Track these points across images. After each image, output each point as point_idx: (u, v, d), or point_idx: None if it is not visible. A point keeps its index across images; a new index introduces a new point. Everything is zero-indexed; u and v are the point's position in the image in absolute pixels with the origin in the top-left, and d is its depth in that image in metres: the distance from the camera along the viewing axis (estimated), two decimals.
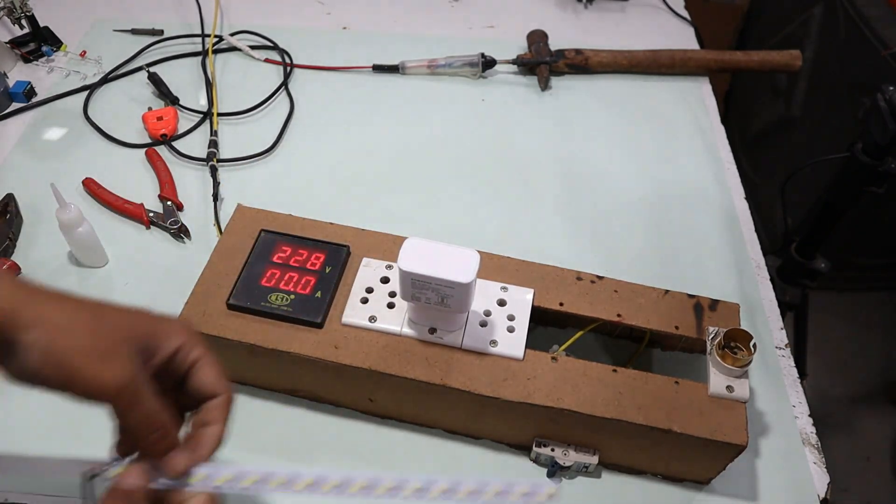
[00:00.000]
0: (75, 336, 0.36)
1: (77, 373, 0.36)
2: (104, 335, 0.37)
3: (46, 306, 0.36)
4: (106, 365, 0.36)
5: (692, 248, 0.82)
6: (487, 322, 0.60)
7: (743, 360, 0.57)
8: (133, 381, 0.37)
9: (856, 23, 1.48)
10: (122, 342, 0.37)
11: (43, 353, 0.35)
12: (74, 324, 0.36)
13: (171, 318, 0.42)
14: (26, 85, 0.92)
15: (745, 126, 1.93)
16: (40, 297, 0.36)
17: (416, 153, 0.90)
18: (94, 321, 0.37)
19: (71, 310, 0.37)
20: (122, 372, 0.36)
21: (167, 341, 0.40)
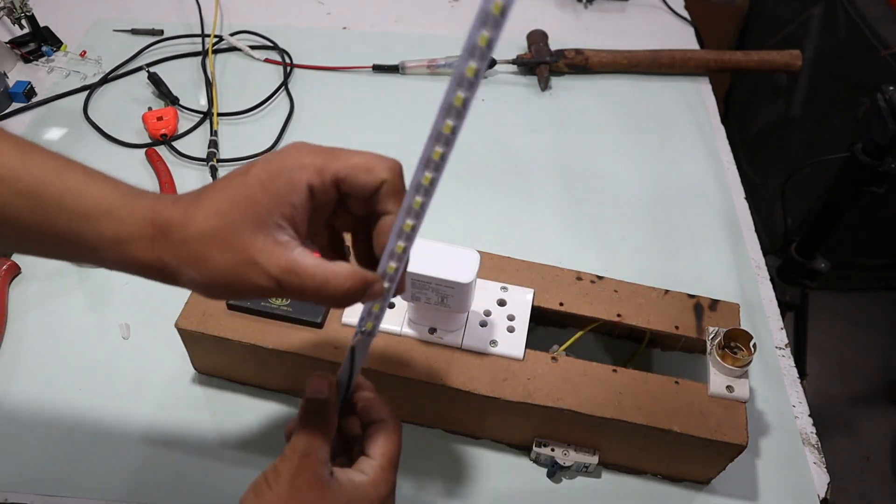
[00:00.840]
0: (214, 263, 0.36)
1: (235, 292, 0.37)
2: (237, 246, 0.36)
3: (180, 245, 0.36)
4: (251, 273, 0.36)
5: (692, 248, 0.82)
6: (487, 322, 0.60)
7: (743, 360, 0.57)
8: (282, 273, 0.36)
9: (856, 23, 1.48)
10: (255, 238, 0.36)
11: (200, 287, 0.37)
12: (207, 250, 0.36)
13: (283, 161, 0.37)
14: (26, 85, 0.92)
15: (745, 126, 1.93)
16: (173, 235, 0.36)
17: (415, 153, 0.90)
18: (221, 234, 0.36)
19: (198, 236, 0.36)
20: (267, 273, 0.36)
21: (295, 195, 0.37)
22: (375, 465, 0.42)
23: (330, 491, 0.39)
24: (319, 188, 0.37)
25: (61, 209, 0.36)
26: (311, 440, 0.40)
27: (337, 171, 0.37)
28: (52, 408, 0.64)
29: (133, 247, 0.37)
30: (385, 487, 0.42)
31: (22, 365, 0.67)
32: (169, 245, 0.36)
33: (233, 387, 0.66)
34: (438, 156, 0.35)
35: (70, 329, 0.70)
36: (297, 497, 0.38)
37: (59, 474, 0.60)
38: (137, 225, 0.37)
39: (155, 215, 0.37)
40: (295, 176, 0.36)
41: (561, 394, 0.56)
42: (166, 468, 0.61)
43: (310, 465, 0.39)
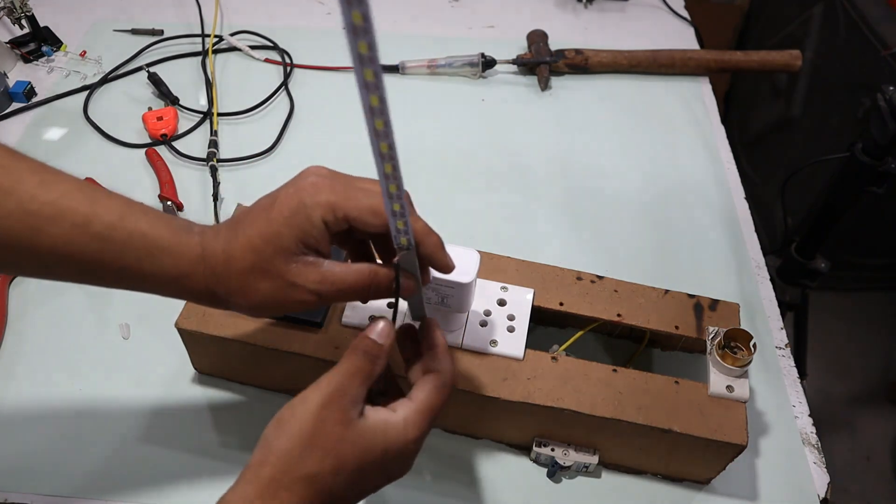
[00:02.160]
0: (259, 292, 0.42)
1: (281, 310, 0.43)
2: (274, 274, 0.42)
3: (227, 280, 0.42)
4: (293, 293, 0.42)
5: (692, 248, 0.82)
6: (487, 322, 0.60)
7: (743, 360, 0.57)
8: (318, 286, 0.42)
9: (856, 23, 1.48)
10: (288, 265, 0.42)
11: (250, 312, 0.44)
12: (251, 282, 0.42)
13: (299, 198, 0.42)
14: (26, 85, 0.92)
15: (745, 126, 1.93)
16: (219, 275, 0.43)
17: (415, 153, 0.90)
18: (260, 267, 0.42)
19: (240, 272, 0.42)
20: (306, 289, 0.42)
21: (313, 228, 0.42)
22: (411, 407, 0.42)
23: (354, 430, 0.40)
24: (333, 224, 0.42)
25: (128, 249, 0.42)
26: (351, 378, 0.41)
27: (347, 213, 0.42)
28: (52, 408, 0.64)
29: (189, 281, 0.43)
30: (413, 431, 0.42)
31: (22, 365, 0.67)
32: (217, 279, 0.43)
33: (233, 387, 0.66)
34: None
35: (70, 329, 0.70)
36: (319, 430, 0.39)
37: (59, 474, 0.60)
38: (192, 262, 0.42)
39: (204, 252, 0.43)
40: (312, 214, 0.41)
41: (561, 394, 0.56)
42: (166, 468, 0.61)
43: (341, 400, 0.40)
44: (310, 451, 0.39)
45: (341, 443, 0.39)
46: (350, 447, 0.39)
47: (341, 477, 0.39)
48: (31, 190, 0.41)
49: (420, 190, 0.86)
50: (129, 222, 0.42)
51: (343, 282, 0.42)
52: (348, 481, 0.40)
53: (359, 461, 0.40)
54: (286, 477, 0.38)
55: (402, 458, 0.42)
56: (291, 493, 0.38)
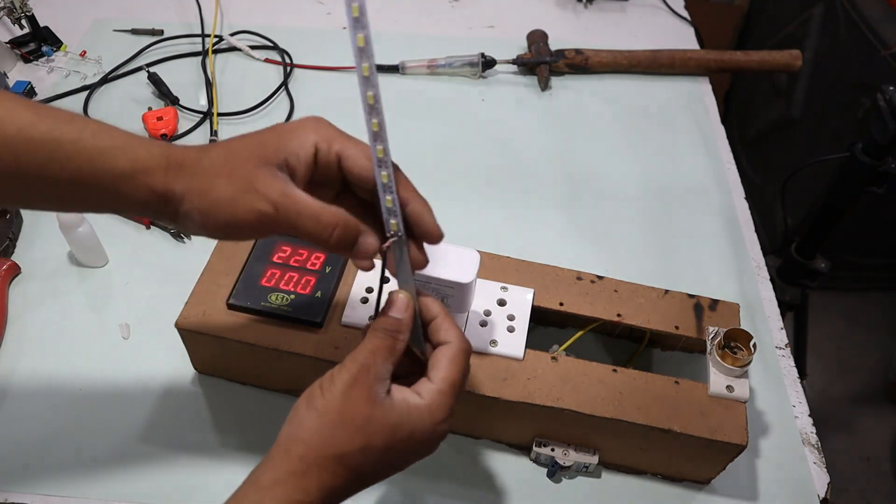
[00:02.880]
0: (217, 190, 0.39)
1: (232, 219, 0.40)
2: (240, 175, 0.39)
3: (190, 176, 0.40)
4: (251, 198, 0.39)
5: (692, 248, 0.82)
6: (487, 322, 0.60)
7: (743, 360, 0.57)
8: (280, 197, 0.39)
9: (856, 23, 1.48)
10: (258, 169, 0.39)
11: (199, 217, 0.40)
12: (213, 180, 0.40)
13: (298, 123, 0.42)
14: (26, 85, 0.92)
15: (745, 126, 1.93)
16: (185, 169, 0.40)
17: (415, 153, 0.90)
18: (228, 166, 0.40)
19: (208, 168, 0.40)
20: (267, 197, 0.39)
21: (300, 147, 0.41)
22: (434, 389, 0.42)
23: (381, 408, 0.40)
24: (324, 153, 0.40)
25: (79, 148, 0.39)
26: (375, 354, 0.41)
27: (342, 149, 0.41)
28: (52, 407, 0.64)
29: (147, 177, 0.39)
30: (440, 413, 0.41)
31: (22, 365, 0.67)
32: (180, 175, 0.40)
33: (233, 387, 0.66)
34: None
35: (70, 329, 0.70)
36: (347, 408, 0.39)
37: (59, 474, 0.60)
38: (154, 158, 0.39)
39: (170, 152, 0.40)
40: (305, 134, 0.40)
41: (561, 394, 0.56)
42: (166, 468, 0.61)
43: (366, 379, 0.40)
44: (339, 429, 0.39)
45: (369, 422, 0.39)
46: (378, 426, 0.39)
47: (370, 456, 0.40)
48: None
49: (420, 190, 0.86)
50: (78, 125, 0.39)
51: (307, 206, 0.40)
52: (377, 460, 0.40)
53: (387, 440, 0.40)
54: (317, 455, 0.38)
55: (431, 439, 0.42)
56: (322, 470, 0.38)
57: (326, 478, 0.39)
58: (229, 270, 0.62)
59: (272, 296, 0.60)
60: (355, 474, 0.40)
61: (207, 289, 0.61)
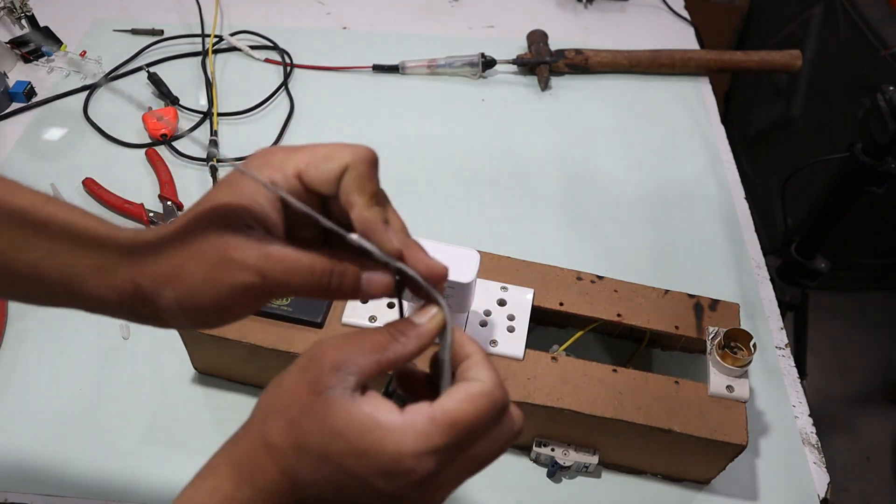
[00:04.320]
0: (188, 274, 0.33)
1: (216, 303, 0.34)
2: (207, 249, 0.33)
3: (153, 265, 0.34)
4: (229, 274, 0.33)
5: (692, 248, 0.82)
6: (487, 322, 0.60)
7: (743, 360, 0.57)
8: (261, 261, 0.33)
9: (856, 23, 1.48)
10: (225, 237, 0.33)
11: (180, 309, 0.34)
12: (180, 264, 0.34)
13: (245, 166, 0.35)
14: (26, 85, 0.92)
15: (745, 126, 1.93)
16: (144, 258, 0.34)
17: (415, 153, 0.90)
18: (191, 243, 0.34)
19: (169, 251, 0.34)
20: (245, 265, 0.33)
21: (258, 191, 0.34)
22: (424, 413, 0.32)
23: (325, 404, 0.31)
24: (282, 182, 0.34)
25: (45, 235, 0.34)
26: (351, 343, 0.33)
27: (297, 163, 0.34)
28: (52, 407, 0.64)
29: (111, 275, 0.34)
30: (416, 442, 0.31)
31: (22, 365, 0.67)
32: (144, 266, 0.34)
33: (233, 387, 0.66)
34: None
35: (70, 329, 0.70)
36: (286, 392, 0.33)
37: (59, 474, 0.60)
38: (118, 252, 0.34)
39: (134, 241, 0.35)
40: (257, 176, 0.34)
41: (561, 394, 0.56)
42: (166, 468, 0.61)
43: (320, 365, 0.32)
44: (277, 418, 0.32)
45: (306, 415, 0.31)
46: (314, 423, 0.31)
47: (306, 462, 0.31)
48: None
49: (420, 190, 0.86)
50: (49, 209, 0.35)
51: (295, 262, 0.33)
52: (315, 471, 0.31)
53: (323, 446, 0.31)
54: (251, 442, 0.33)
55: (392, 474, 0.31)
56: (255, 463, 0.32)
57: (259, 475, 0.32)
58: None
59: None
60: (292, 482, 0.32)
61: None
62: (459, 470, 0.33)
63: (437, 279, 0.36)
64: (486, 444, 0.33)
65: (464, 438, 0.32)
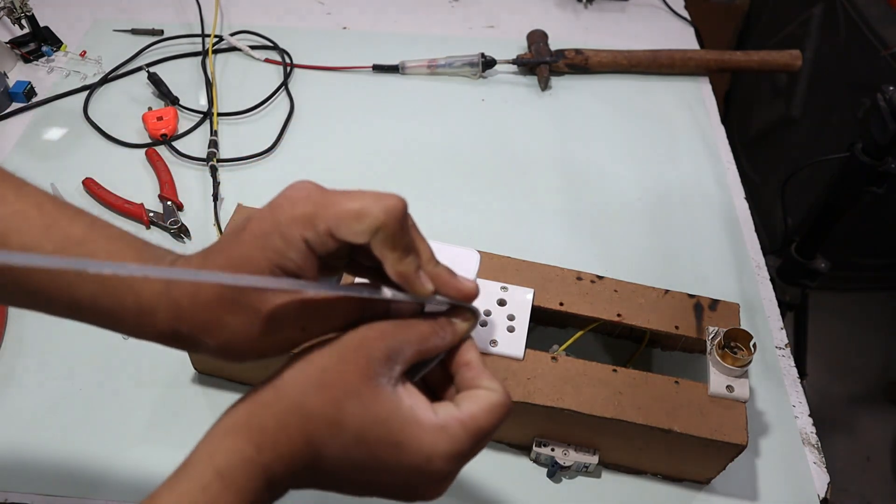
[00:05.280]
0: (227, 330, 0.35)
1: (258, 354, 0.36)
2: (244, 305, 0.34)
3: (191, 318, 0.35)
4: (266, 326, 0.35)
5: (692, 248, 0.82)
6: (487, 322, 0.60)
7: (743, 360, 0.57)
8: (299, 320, 0.35)
9: (856, 23, 1.48)
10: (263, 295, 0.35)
11: (222, 355, 0.37)
12: (218, 317, 0.35)
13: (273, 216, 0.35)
14: (26, 85, 0.92)
15: (745, 126, 1.93)
16: (183, 311, 0.35)
17: (415, 153, 0.90)
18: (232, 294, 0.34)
19: (206, 304, 0.35)
20: (285, 324, 0.35)
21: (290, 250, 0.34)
22: (456, 417, 0.34)
23: (371, 390, 0.33)
24: (315, 241, 0.34)
25: (82, 279, 0.35)
26: (400, 330, 0.35)
27: (329, 222, 0.34)
28: (52, 407, 0.64)
29: (151, 318, 0.36)
30: (446, 444, 0.33)
31: (22, 365, 0.67)
32: (181, 315, 0.35)
33: (233, 387, 0.66)
34: None
35: (70, 329, 0.69)
36: (332, 371, 0.34)
37: (60, 474, 0.60)
38: (155, 296, 0.35)
39: (169, 288, 0.35)
40: (288, 232, 0.34)
41: (561, 394, 0.56)
42: (166, 468, 0.61)
43: (373, 349, 0.34)
44: (315, 390, 0.33)
45: (349, 396, 0.33)
46: (358, 407, 0.33)
47: (337, 440, 0.33)
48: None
49: (420, 190, 0.86)
50: (86, 250, 0.36)
51: (331, 310, 0.36)
52: (345, 449, 0.33)
53: (361, 428, 0.33)
54: (281, 407, 0.34)
55: (422, 469, 0.33)
56: (282, 429, 0.33)
57: (283, 440, 0.33)
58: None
59: None
60: (315, 454, 0.33)
61: None
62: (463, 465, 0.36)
63: (469, 299, 0.37)
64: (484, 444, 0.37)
65: (481, 442, 0.35)
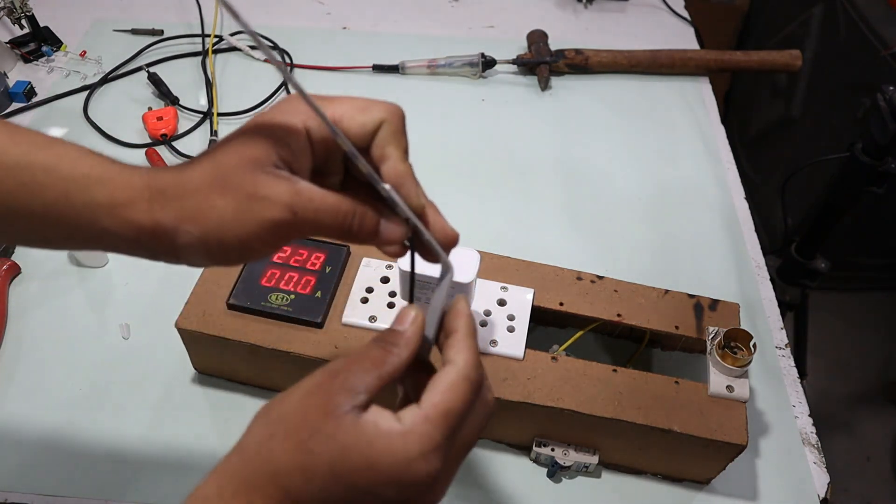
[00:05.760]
0: (215, 211, 0.34)
1: (244, 238, 0.34)
2: (237, 186, 0.34)
3: (178, 203, 0.34)
4: (259, 208, 0.34)
5: (692, 248, 0.82)
6: (487, 322, 0.60)
7: (743, 360, 0.57)
8: (293, 197, 0.34)
9: (856, 23, 1.48)
10: (256, 175, 0.34)
11: (202, 247, 0.35)
12: (207, 200, 0.34)
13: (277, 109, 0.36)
14: (26, 85, 0.92)
15: (745, 126, 1.93)
16: (168, 195, 0.34)
17: (415, 153, 0.89)
18: (220, 181, 0.34)
19: (196, 188, 0.34)
20: (278, 201, 0.34)
21: (290, 137, 0.35)
22: (418, 414, 0.33)
23: (334, 423, 0.32)
24: (317, 133, 0.35)
25: (52, 177, 0.34)
26: (353, 363, 0.34)
27: (333, 112, 0.35)
28: (52, 408, 0.64)
29: (129, 210, 0.34)
30: (420, 444, 0.32)
31: (22, 365, 0.67)
32: (166, 204, 0.34)
33: (233, 387, 0.66)
34: None
35: (70, 329, 0.70)
36: (295, 418, 0.33)
37: (59, 474, 0.60)
38: (134, 189, 0.34)
39: (151, 179, 0.35)
40: (290, 119, 0.35)
41: (561, 394, 0.56)
42: (166, 468, 0.61)
43: (330, 386, 0.33)
44: (281, 442, 0.32)
45: (314, 436, 0.32)
46: (324, 444, 0.32)
47: (312, 482, 0.32)
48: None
49: None
50: (54, 151, 0.35)
51: (323, 200, 0.35)
52: (321, 490, 0.32)
53: (332, 465, 0.32)
54: (251, 471, 0.33)
55: (403, 480, 0.32)
56: (255, 491, 0.32)
57: (258, 501, 0.32)
58: (229, 270, 0.62)
59: (272, 296, 0.60)
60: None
61: (207, 289, 0.61)
62: (454, 458, 0.35)
63: (450, 243, 0.38)
64: (471, 426, 0.35)
65: (455, 425, 0.34)
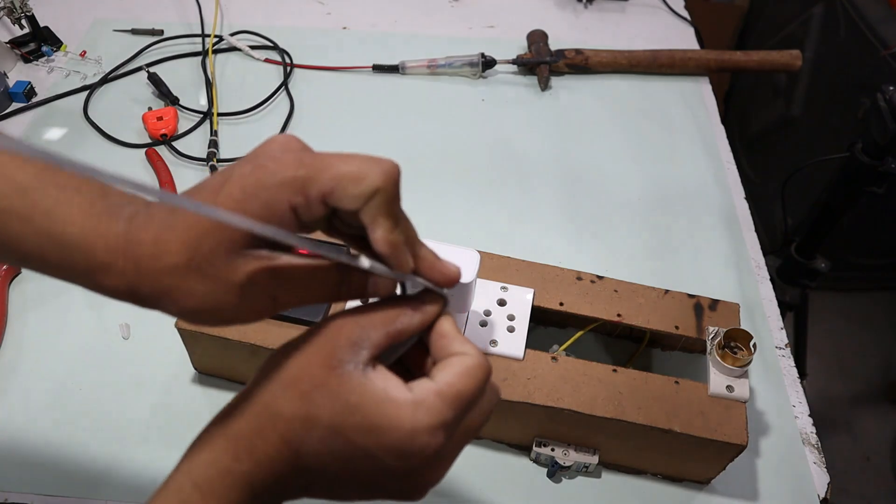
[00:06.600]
0: (192, 297, 0.33)
1: (222, 322, 0.34)
2: (213, 273, 0.32)
3: (153, 279, 0.33)
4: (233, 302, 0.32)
5: (692, 248, 0.82)
6: (487, 322, 0.60)
7: (743, 360, 0.57)
8: (268, 289, 0.33)
9: (856, 23, 1.48)
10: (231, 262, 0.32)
11: (184, 318, 0.35)
12: (182, 283, 0.32)
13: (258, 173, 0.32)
14: (26, 85, 0.92)
15: (745, 126, 1.94)
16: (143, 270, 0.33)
17: (415, 153, 0.90)
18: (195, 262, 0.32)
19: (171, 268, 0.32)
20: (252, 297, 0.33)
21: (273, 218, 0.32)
22: (431, 388, 0.32)
23: (338, 378, 0.31)
24: (304, 208, 0.32)
25: (28, 229, 0.33)
26: (363, 316, 0.33)
27: (323, 187, 0.31)
28: (52, 408, 0.64)
29: (105, 277, 0.33)
30: (428, 417, 0.31)
31: (22, 365, 0.67)
32: (141, 276, 0.33)
33: (233, 387, 0.66)
34: None
35: (70, 329, 0.70)
36: (297, 368, 0.32)
37: (59, 474, 0.60)
38: (111, 251, 0.33)
39: (128, 242, 0.32)
40: (275, 197, 0.31)
41: (561, 394, 0.56)
42: (166, 468, 0.61)
43: (334, 339, 0.32)
44: (283, 390, 0.32)
45: (317, 389, 0.32)
46: (327, 397, 0.31)
47: (314, 434, 0.31)
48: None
49: (420, 190, 0.86)
50: (33, 194, 0.33)
51: (308, 278, 0.33)
52: (323, 443, 0.32)
53: (334, 418, 0.31)
54: (253, 414, 0.33)
55: (405, 450, 0.31)
56: (257, 435, 0.32)
57: (259, 445, 0.32)
58: None
59: None
60: (294, 454, 0.32)
61: None
62: (458, 441, 0.34)
63: (449, 283, 0.36)
64: (477, 413, 0.35)
65: (466, 408, 0.33)
